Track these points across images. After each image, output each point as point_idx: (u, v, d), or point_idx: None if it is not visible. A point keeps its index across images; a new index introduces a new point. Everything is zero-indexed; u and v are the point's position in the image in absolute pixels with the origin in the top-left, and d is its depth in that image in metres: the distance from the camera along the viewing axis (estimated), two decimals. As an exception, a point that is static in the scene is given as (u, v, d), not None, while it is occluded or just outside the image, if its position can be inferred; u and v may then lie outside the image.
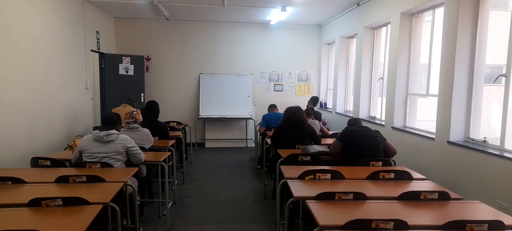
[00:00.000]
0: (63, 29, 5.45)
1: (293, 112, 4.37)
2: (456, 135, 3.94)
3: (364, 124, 4.11)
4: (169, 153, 4.17)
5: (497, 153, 3.37)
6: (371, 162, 3.44)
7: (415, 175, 3.16)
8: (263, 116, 6.27)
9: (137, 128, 4.12)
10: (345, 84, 7.54)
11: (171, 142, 4.67)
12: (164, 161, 3.72)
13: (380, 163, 3.46)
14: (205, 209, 4.35)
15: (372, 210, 2.34)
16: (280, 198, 3.34)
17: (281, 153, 3.93)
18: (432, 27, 4.60)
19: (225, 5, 6.55)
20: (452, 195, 2.59)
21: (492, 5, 3.82)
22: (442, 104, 4.07)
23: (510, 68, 3.38)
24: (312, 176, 2.96)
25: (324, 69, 8.71)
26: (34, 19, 4.64)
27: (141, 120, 4.26)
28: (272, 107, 6.56)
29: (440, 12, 4.38)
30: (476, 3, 3.80)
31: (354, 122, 3.98)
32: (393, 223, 2.01)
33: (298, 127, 4.32)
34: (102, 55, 7.26)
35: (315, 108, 7.04)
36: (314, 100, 7.06)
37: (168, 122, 6.33)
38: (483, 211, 2.38)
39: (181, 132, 5.83)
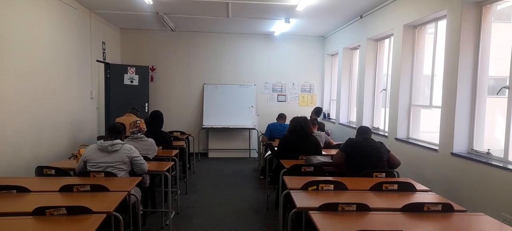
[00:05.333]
0: (70, 39, 5.53)
1: (299, 123, 4.30)
2: (459, 146, 3.93)
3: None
4: (173, 162, 4.18)
5: (501, 164, 3.36)
6: (374, 173, 3.44)
7: (419, 186, 3.15)
8: (268, 125, 6.28)
9: (142, 137, 4.15)
10: (348, 95, 7.55)
11: (175, 151, 4.69)
12: (168, 170, 3.73)
13: (384, 174, 3.45)
14: (207, 219, 4.34)
15: (375, 222, 2.33)
16: (283, 209, 3.34)
17: (284, 163, 3.93)
18: (435, 39, 4.63)
19: (230, 17, 6.63)
20: (456, 207, 2.58)
21: (494, 17, 3.84)
22: (446, 116, 4.07)
23: (513, 80, 3.39)
24: (315, 187, 2.96)
25: (328, 80, 8.73)
26: (41, 29, 4.72)
27: (145, 129, 4.29)
28: (280, 117, 6.49)
29: (442, 24, 4.41)
30: (479, 15, 3.82)
31: (363, 130, 3.93)
32: (396, 234, 2.01)
33: (303, 138, 4.28)
34: (107, 65, 7.34)
35: (318, 119, 7.04)
36: (317, 111, 7.07)
37: (171, 132, 6.35)
38: (487, 224, 2.36)
39: (184, 141, 5.85)
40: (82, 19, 6.03)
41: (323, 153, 4.45)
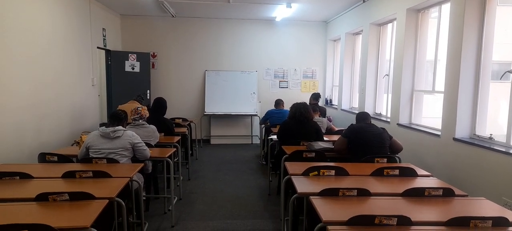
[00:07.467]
0: (70, 26, 5.49)
1: (298, 108, 4.33)
2: (462, 131, 3.92)
3: (369, 120, 4.08)
4: (175, 149, 4.20)
5: (503, 149, 3.35)
6: (375, 159, 3.44)
7: (420, 171, 3.15)
8: (267, 111, 6.32)
9: (143, 124, 4.15)
10: (351, 81, 7.51)
11: (177, 138, 4.70)
12: (170, 157, 3.74)
13: (385, 160, 3.45)
14: (210, 205, 4.38)
15: (375, 206, 2.34)
16: (284, 194, 3.36)
17: (285, 149, 3.94)
18: (438, 23, 4.57)
19: (230, 2, 6.56)
20: (457, 191, 2.58)
21: (499, 0, 3.77)
22: (448, 101, 4.05)
23: (517, 65, 3.35)
24: (316, 172, 2.96)
25: (330, 66, 8.68)
26: (41, 16, 4.69)
27: (147, 115, 4.29)
28: (278, 104, 6.47)
29: (446, 8, 4.35)
30: (483, -2, 3.76)
31: (362, 116, 3.94)
32: (396, 219, 2.01)
33: (303, 124, 4.30)
34: (108, 52, 7.31)
35: (320, 104, 7.01)
36: (315, 96, 7.01)
37: (173, 118, 6.36)
38: (487, 208, 2.37)
39: (186, 128, 5.86)
40: (82, 5, 5.98)
41: (325, 138, 4.45)
